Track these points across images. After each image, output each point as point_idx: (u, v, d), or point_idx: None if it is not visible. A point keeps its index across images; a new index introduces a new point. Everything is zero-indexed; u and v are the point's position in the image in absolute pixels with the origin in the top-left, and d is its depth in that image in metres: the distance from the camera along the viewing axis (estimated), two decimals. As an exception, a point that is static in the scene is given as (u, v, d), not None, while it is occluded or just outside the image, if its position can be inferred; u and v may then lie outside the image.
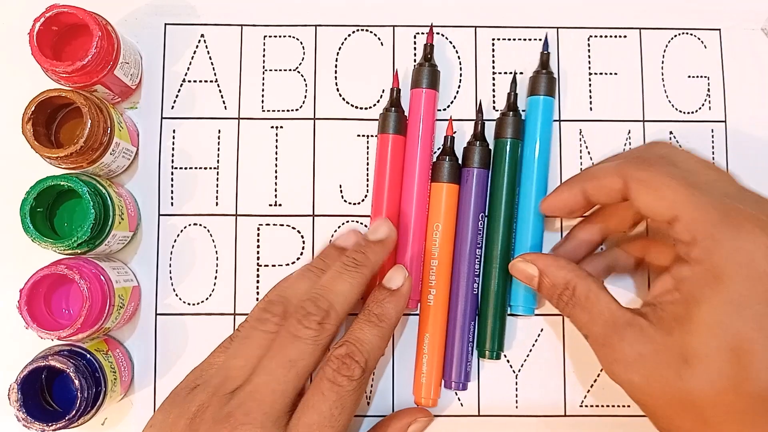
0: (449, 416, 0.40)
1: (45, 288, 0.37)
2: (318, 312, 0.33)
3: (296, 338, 0.32)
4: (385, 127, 0.40)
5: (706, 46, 0.43)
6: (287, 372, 0.32)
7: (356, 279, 0.34)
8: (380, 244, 0.36)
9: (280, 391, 0.32)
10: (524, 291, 0.39)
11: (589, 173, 0.35)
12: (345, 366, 0.32)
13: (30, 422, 0.34)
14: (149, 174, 0.41)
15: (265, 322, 0.34)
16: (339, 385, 0.32)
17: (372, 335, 0.34)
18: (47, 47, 0.37)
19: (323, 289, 0.34)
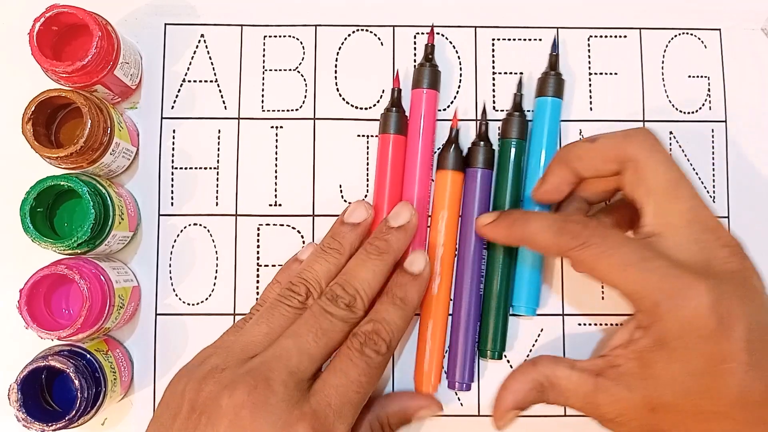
0: (449, 416, 0.40)
1: (45, 288, 0.37)
2: (345, 296, 0.34)
3: (328, 313, 0.33)
4: (386, 127, 0.40)
5: (707, 46, 0.43)
6: (318, 338, 0.32)
7: (379, 267, 0.35)
8: (402, 229, 0.37)
9: (308, 354, 0.32)
10: (527, 291, 0.39)
11: (527, 233, 0.35)
12: (372, 341, 0.33)
13: (30, 422, 0.34)
14: (149, 174, 0.41)
15: (289, 298, 0.35)
16: (367, 356, 0.33)
17: (396, 316, 0.34)
18: (47, 47, 0.37)
19: (348, 275, 0.35)
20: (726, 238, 0.32)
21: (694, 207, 0.32)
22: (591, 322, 0.41)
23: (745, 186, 0.42)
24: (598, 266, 0.32)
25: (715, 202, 0.42)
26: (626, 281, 0.32)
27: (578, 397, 0.33)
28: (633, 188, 0.34)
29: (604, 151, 0.35)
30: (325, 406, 0.31)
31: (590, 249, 0.32)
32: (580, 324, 0.41)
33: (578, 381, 0.33)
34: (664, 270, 0.31)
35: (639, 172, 0.33)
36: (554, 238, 0.33)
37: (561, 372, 0.34)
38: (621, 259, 0.32)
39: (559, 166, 0.36)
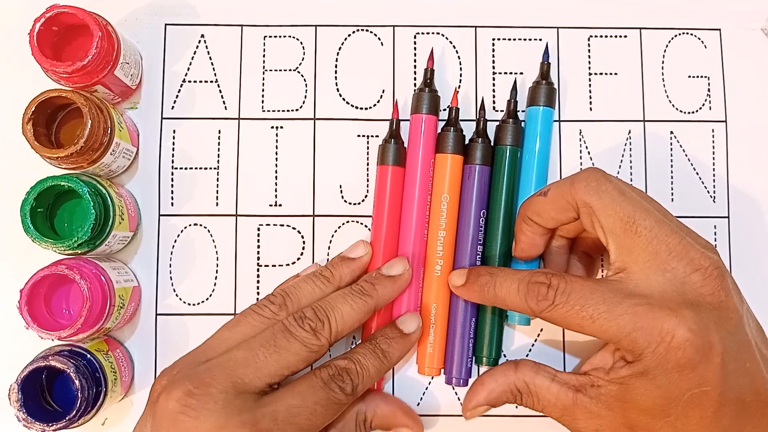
0: (449, 416, 0.40)
1: (45, 288, 0.37)
2: (314, 319, 0.34)
3: (287, 331, 0.33)
4: (384, 158, 0.40)
5: (707, 46, 0.43)
6: (269, 354, 0.32)
7: (358, 305, 0.35)
8: (392, 280, 0.37)
9: (255, 367, 0.32)
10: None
11: (499, 297, 0.35)
12: (341, 377, 0.33)
13: (30, 422, 0.34)
14: (149, 174, 0.41)
15: (262, 307, 0.35)
16: (331, 389, 0.33)
17: (372, 365, 0.35)
18: (47, 47, 0.37)
19: (325, 302, 0.35)
20: (697, 260, 0.32)
21: (656, 236, 0.32)
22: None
23: (745, 186, 0.42)
24: (570, 324, 0.33)
25: (716, 202, 0.42)
26: (599, 331, 0.32)
27: (556, 409, 0.34)
28: (592, 229, 0.34)
29: (556, 202, 0.35)
30: (270, 420, 0.31)
31: (557, 309, 0.33)
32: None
33: (557, 393, 0.34)
34: (633, 310, 0.31)
35: (593, 215, 0.33)
36: (523, 302, 0.34)
37: (541, 382, 0.35)
38: (589, 313, 0.32)
39: (524, 224, 0.37)
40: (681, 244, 0.32)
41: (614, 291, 0.32)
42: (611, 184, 0.33)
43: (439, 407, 0.40)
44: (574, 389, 0.34)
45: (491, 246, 0.39)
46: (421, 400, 0.40)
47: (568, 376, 0.34)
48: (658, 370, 0.31)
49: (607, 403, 0.33)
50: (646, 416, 0.32)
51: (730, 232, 0.42)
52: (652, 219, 0.33)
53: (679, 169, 0.42)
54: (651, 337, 0.31)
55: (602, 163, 0.42)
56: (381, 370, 0.35)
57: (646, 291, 0.32)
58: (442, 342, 0.40)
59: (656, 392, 0.31)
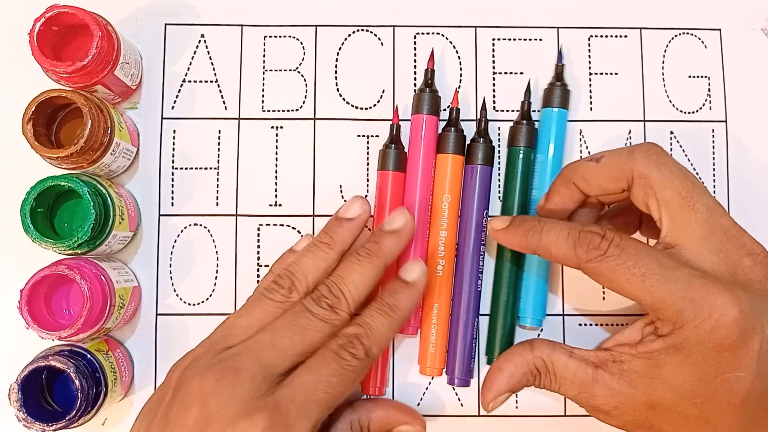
0: (449, 416, 0.40)
1: (45, 288, 0.37)
2: (329, 296, 0.33)
3: (308, 311, 0.33)
4: (385, 164, 0.40)
5: (707, 46, 0.43)
6: (294, 335, 0.32)
7: (367, 269, 0.35)
8: (395, 234, 0.36)
9: (281, 349, 0.32)
10: (533, 304, 0.39)
11: (543, 243, 0.34)
12: (351, 344, 0.32)
13: (30, 422, 0.34)
14: (149, 174, 0.41)
15: (273, 291, 0.34)
16: (342, 358, 0.32)
17: (381, 324, 0.34)
18: (47, 47, 0.37)
19: (336, 277, 0.34)
20: (749, 245, 0.32)
21: (712, 216, 0.32)
22: (591, 322, 0.41)
23: (745, 186, 0.42)
24: (617, 278, 0.32)
25: (715, 202, 0.42)
26: (647, 292, 0.31)
27: (573, 386, 0.33)
28: (646, 203, 0.33)
29: (610, 171, 0.34)
30: (289, 401, 0.30)
31: (608, 261, 0.32)
32: (581, 324, 0.41)
33: (575, 370, 0.33)
34: (688, 279, 0.31)
35: (650, 187, 0.33)
36: (571, 249, 0.33)
37: (558, 358, 0.34)
38: (641, 270, 0.31)
39: (564, 186, 0.36)
40: (735, 228, 0.32)
41: (669, 257, 0.32)
42: (670, 159, 0.33)
43: (440, 407, 0.40)
44: (593, 365, 0.33)
45: (503, 256, 0.40)
46: (421, 400, 0.41)
47: (586, 353, 0.34)
48: (698, 347, 0.30)
49: (630, 380, 0.32)
50: (673, 394, 0.31)
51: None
52: (710, 198, 0.32)
53: (679, 169, 0.42)
54: (700, 311, 0.30)
55: (602, 163, 0.42)
56: (392, 326, 0.34)
57: (700, 266, 0.31)
58: (444, 342, 0.40)
59: (689, 370, 0.30)
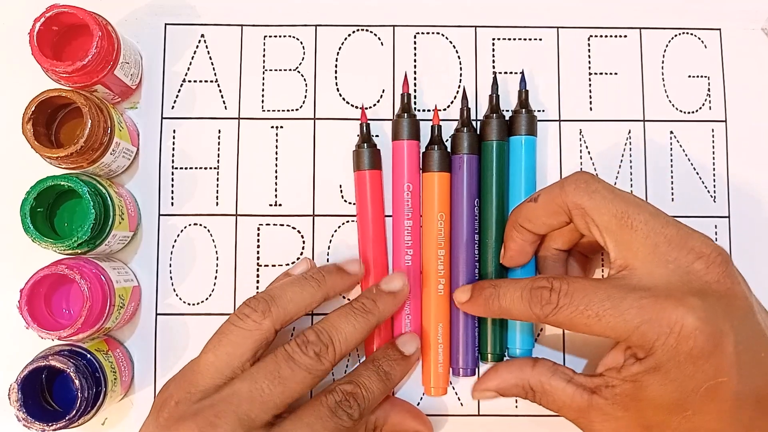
0: (449, 416, 0.40)
1: (45, 288, 0.37)
2: (318, 343, 0.33)
3: (291, 359, 0.33)
4: (360, 164, 0.40)
5: (707, 46, 0.43)
6: (274, 386, 0.32)
7: (361, 324, 0.35)
8: (392, 295, 0.37)
9: (260, 401, 0.31)
10: (520, 333, 0.39)
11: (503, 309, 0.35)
12: (347, 403, 0.33)
13: (30, 422, 0.34)
14: (149, 174, 0.41)
15: (244, 318, 0.33)
16: (338, 417, 0.32)
17: (377, 389, 0.35)
18: (47, 47, 0.37)
19: (327, 323, 0.34)
20: (697, 247, 0.32)
21: (653, 229, 0.32)
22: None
23: (745, 186, 0.42)
24: (576, 325, 0.32)
25: (716, 202, 0.42)
26: (607, 328, 0.32)
27: (571, 411, 0.34)
28: (588, 231, 0.34)
29: (547, 207, 0.35)
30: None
31: (563, 311, 0.32)
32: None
33: (573, 395, 0.33)
34: (639, 303, 0.31)
35: (587, 215, 0.33)
36: (528, 309, 0.33)
37: (557, 383, 0.34)
38: (594, 311, 0.32)
39: (515, 231, 0.37)
40: (679, 234, 0.32)
41: (618, 287, 0.32)
42: (600, 184, 0.33)
43: (440, 407, 0.40)
44: (590, 391, 0.33)
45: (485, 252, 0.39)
46: (422, 399, 0.40)
47: (584, 378, 0.34)
48: (671, 363, 0.31)
49: (623, 404, 0.32)
50: (662, 413, 0.31)
51: (731, 232, 0.42)
52: (646, 212, 0.32)
53: (679, 169, 0.42)
54: (660, 329, 0.30)
55: (602, 163, 0.42)
56: (385, 392, 0.35)
57: (651, 284, 0.32)
58: (447, 362, 0.40)
59: (671, 386, 0.31)
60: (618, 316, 0.31)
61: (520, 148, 0.40)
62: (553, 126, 0.42)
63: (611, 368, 0.33)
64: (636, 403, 0.32)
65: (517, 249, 0.37)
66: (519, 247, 0.37)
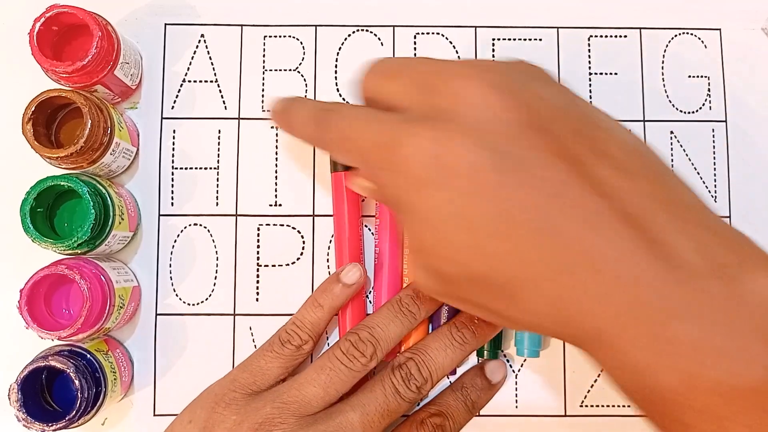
0: (449, 416, 0.40)
1: (45, 288, 0.37)
2: (419, 377, 0.34)
3: (398, 394, 0.34)
4: (337, 165, 0.39)
5: (707, 46, 0.43)
6: (382, 418, 0.34)
7: (458, 355, 0.36)
8: (484, 323, 0.37)
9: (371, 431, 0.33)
10: (529, 337, 0.39)
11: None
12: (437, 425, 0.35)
13: (30, 422, 0.34)
14: (149, 174, 0.41)
15: (353, 360, 0.34)
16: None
17: (463, 419, 0.36)
18: (47, 47, 0.37)
19: (426, 356, 0.35)
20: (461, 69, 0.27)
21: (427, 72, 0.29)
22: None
23: (745, 186, 0.42)
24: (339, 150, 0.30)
25: (716, 202, 0.42)
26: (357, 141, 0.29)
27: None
28: None
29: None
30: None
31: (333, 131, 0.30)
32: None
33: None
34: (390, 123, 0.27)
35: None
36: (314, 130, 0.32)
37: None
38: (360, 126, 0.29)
39: None
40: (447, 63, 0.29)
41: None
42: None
43: (439, 407, 0.40)
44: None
45: None
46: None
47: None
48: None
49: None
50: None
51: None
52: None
53: (679, 169, 0.42)
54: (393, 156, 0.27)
55: (602, 163, 0.42)
56: (468, 421, 0.36)
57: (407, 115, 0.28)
58: None
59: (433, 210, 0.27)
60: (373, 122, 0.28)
61: None
62: (553, 126, 0.42)
63: None
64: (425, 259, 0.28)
65: None
66: None
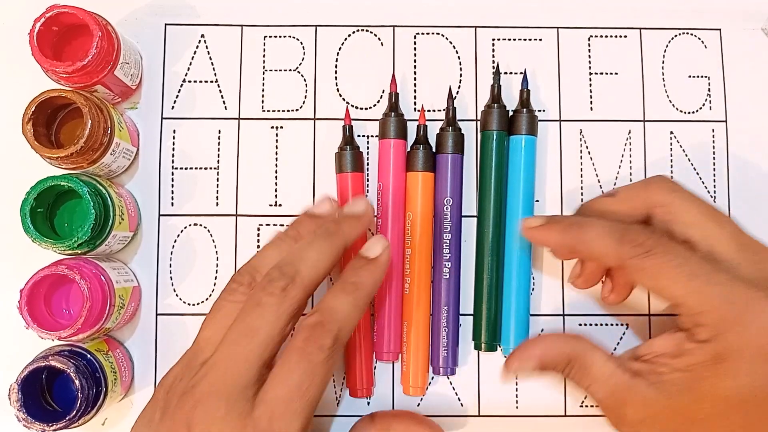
0: (449, 416, 0.40)
1: (45, 288, 0.37)
2: (282, 278, 0.31)
3: (258, 305, 0.31)
4: (342, 166, 0.40)
5: (707, 46, 0.43)
6: (249, 341, 0.30)
7: (325, 247, 0.33)
8: (355, 217, 0.35)
9: (243, 359, 0.30)
10: (515, 334, 0.39)
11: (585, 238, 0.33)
12: (315, 335, 0.30)
13: (30, 422, 0.34)
14: (149, 174, 0.41)
15: (232, 292, 0.33)
16: (309, 354, 0.30)
17: (346, 303, 0.32)
18: (47, 47, 0.37)
19: (290, 255, 0.33)
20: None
21: (738, 231, 0.33)
22: (591, 322, 0.41)
23: (745, 186, 0.42)
24: (661, 276, 0.31)
25: (716, 201, 0.42)
26: (693, 292, 0.30)
27: (605, 388, 0.32)
28: (668, 228, 0.34)
29: (627, 203, 0.35)
30: (267, 421, 0.29)
31: (654, 257, 0.31)
32: (581, 324, 0.41)
33: (612, 372, 0.32)
34: (731, 283, 0.30)
35: (671, 213, 0.33)
36: (614, 244, 0.32)
37: (598, 356, 0.33)
38: (687, 270, 0.31)
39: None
40: (759, 243, 0.32)
41: (712, 261, 0.31)
42: (682, 185, 0.34)
43: (440, 407, 0.40)
44: (632, 372, 0.32)
45: (482, 240, 0.39)
46: (422, 400, 0.40)
47: (627, 359, 0.33)
48: (742, 353, 0.29)
49: (667, 392, 0.31)
50: (719, 406, 0.30)
51: None
52: (725, 215, 0.33)
53: (679, 169, 0.42)
54: (744, 315, 0.30)
55: (602, 163, 0.42)
56: (358, 305, 0.32)
57: (740, 273, 0.31)
58: (417, 360, 0.39)
59: (740, 380, 0.29)
60: (708, 284, 0.30)
61: (520, 148, 0.40)
62: (554, 126, 0.42)
63: (662, 354, 0.32)
64: (686, 394, 0.30)
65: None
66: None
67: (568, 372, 0.33)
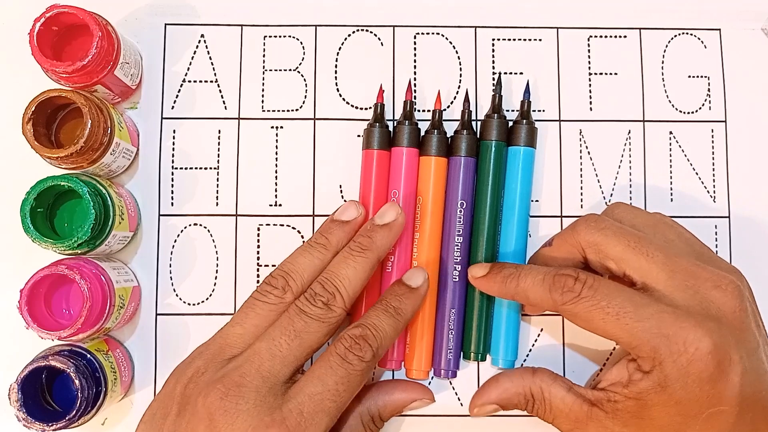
0: (449, 416, 0.40)
1: (45, 288, 0.37)
2: (323, 293, 0.34)
3: (303, 313, 0.33)
4: (369, 143, 0.40)
5: (706, 46, 0.43)
6: (290, 340, 0.32)
7: (361, 264, 0.35)
8: (386, 227, 0.36)
9: (281, 357, 0.32)
10: (504, 344, 0.39)
11: (520, 289, 0.35)
12: (358, 346, 0.33)
13: (30, 422, 0.34)
14: (149, 174, 0.41)
15: (266, 293, 0.34)
16: (349, 362, 0.32)
17: (387, 325, 0.34)
18: (47, 47, 0.37)
19: (329, 273, 0.35)
20: (713, 278, 0.32)
21: (669, 258, 0.33)
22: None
23: (745, 186, 0.42)
24: (592, 318, 0.32)
25: (716, 202, 0.42)
26: (622, 331, 0.32)
27: (568, 420, 0.34)
28: (604, 266, 0.35)
29: (561, 249, 0.36)
30: (297, 414, 0.31)
31: (583, 302, 0.33)
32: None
33: (572, 405, 0.34)
34: (660, 315, 0.31)
35: (601, 251, 0.34)
36: (546, 293, 0.34)
37: (557, 391, 0.34)
38: (615, 310, 0.32)
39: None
40: (693, 265, 0.33)
41: (641, 295, 0.32)
42: (609, 222, 0.35)
43: (439, 407, 0.40)
44: (590, 403, 0.33)
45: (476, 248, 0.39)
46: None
47: (585, 390, 0.34)
48: (678, 383, 0.31)
49: (623, 420, 0.32)
50: (670, 428, 0.32)
51: (731, 232, 0.42)
52: (659, 244, 0.34)
53: (678, 169, 0.42)
54: (675, 346, 0.31)
55: (602, 163, 0.42)
56: (397, 328, 0.35)
57: (672, 302, 0.32)
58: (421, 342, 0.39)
59: (675, 408, 0.31)
60: (637, 320, 0.31)
61: (518, 160, 0.39)
62: (553, 126, 0.42)
63: (615, 383, 0.33)
64: (637, 421, 0.32)
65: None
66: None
67: (530, 408, 0.35)
